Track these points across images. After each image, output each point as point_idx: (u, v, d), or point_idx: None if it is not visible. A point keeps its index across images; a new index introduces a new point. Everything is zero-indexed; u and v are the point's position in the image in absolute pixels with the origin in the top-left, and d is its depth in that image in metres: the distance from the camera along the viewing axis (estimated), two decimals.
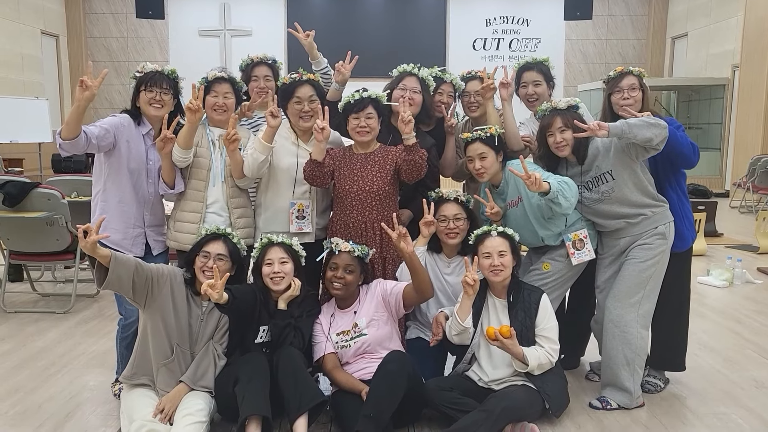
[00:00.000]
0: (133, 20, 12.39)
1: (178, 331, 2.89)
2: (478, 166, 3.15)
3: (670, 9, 14.78)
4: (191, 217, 3.22)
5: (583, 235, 3.15)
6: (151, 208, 3.27)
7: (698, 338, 4.22)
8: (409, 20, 14.71)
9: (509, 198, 3.21)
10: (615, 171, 3.06)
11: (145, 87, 3.17)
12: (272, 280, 2.93)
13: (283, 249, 2.98)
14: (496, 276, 2.95)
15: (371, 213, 3.18)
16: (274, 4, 14.70)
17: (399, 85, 3.39)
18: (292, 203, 3.24)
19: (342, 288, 3.00)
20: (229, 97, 3.23)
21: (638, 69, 3.25)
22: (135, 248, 3.21)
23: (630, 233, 3.13)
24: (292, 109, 3.24)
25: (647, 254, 3.10)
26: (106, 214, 3.11)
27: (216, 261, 2.90)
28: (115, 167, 3.17)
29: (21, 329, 4.43)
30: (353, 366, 3.01)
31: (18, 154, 11.81)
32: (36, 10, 13.54)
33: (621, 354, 3.10)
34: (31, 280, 5.36)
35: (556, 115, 3.09)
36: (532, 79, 3.49)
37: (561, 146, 3.07)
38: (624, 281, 3.12)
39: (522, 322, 2.94)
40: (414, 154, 3.06)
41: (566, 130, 3.05)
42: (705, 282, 5.64)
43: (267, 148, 3.11)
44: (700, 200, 8.07)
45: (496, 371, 2.97)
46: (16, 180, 4.76)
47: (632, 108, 3.14)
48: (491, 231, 3.01)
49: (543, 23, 14.94)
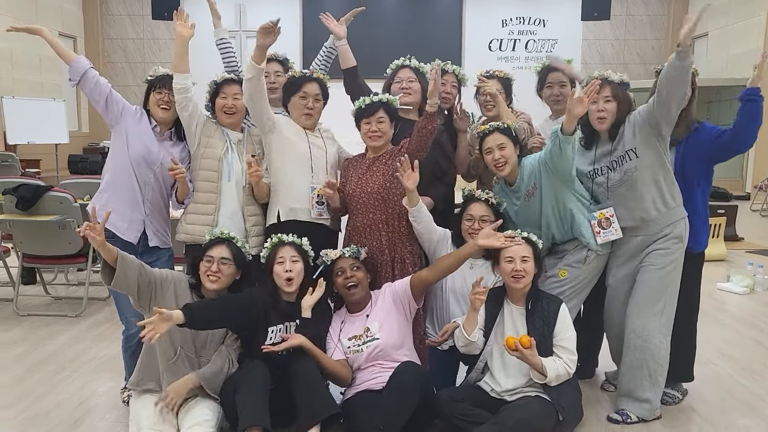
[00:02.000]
0: (149, 21, 12.44)
1: (183, 335, 2.86)
2: (497, 156, 3.10)
3: (690, 9, 14.58)
4: (205, 208, 3.20)
5: (609, 214, 3.07)
6: (152, 197, 3.25)
7: (717, 347, 4.13)
8: (424, 21, 14.65)
9: (524, 190, 3.14)
10: (639, 149, 2.99)
11: (155, 88, 3.22)
12: (285, 281, 2.91)
13: (294, 248, 2.97)
14: (517, 282, 2.89)
15: (375, 214, 3.14)
16: (289, 6, 14.70)
17: (394, 79, 3.41)
18: (312, 188, 3.20)
19: (357, 287, 2.98)
20: (238, 98, 3.22)
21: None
22: (129, 233, 3.19)
23: (645, 231, 3.06)
24: (295, 103, 3.23)
25: (666, 260, 3.03)
26: (107, 192, 3.22)
27: (219, 265, 2.89)
28: (118, 149, 3.22)
29: (33, 332, 4.44)
30: (365, 374, 2.97)
31: (35, 155, 11.90)
32: (54, 12, 13.66)
33: (644, 365, 3.02)
34: (44, 283, 5.39)
35: (606, 84, 3.02)
36: (558, 79, 3.48)
37: (601, 116, 3.01)
38: (644, 289, 3.05)
39: (540, 331, 2.87)
40: (429, 121, 3.02)
41: (611, 101, 3.00)
42: (725, 288, 5.54)
43: (255, 68, 3.03)
44: (720, 203, 7.91)
45: (509, 380, 2.91)
46: (29, 183, 4.77)
47: None
48: (515, 236, 2.95)
49: (560, 24, 14.81)
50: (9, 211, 4.75)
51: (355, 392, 2.92)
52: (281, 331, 2.93)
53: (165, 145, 3.27)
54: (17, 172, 9.67)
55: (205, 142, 3.23)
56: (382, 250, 3.15)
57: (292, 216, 3.18)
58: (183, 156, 3.30)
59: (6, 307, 4.97)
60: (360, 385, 2.94)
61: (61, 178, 9.86)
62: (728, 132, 3.05)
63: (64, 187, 5.11)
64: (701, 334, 3.42)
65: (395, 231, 3.14)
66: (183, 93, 3.16)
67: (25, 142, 11.04)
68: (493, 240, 2.93)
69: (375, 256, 3.14)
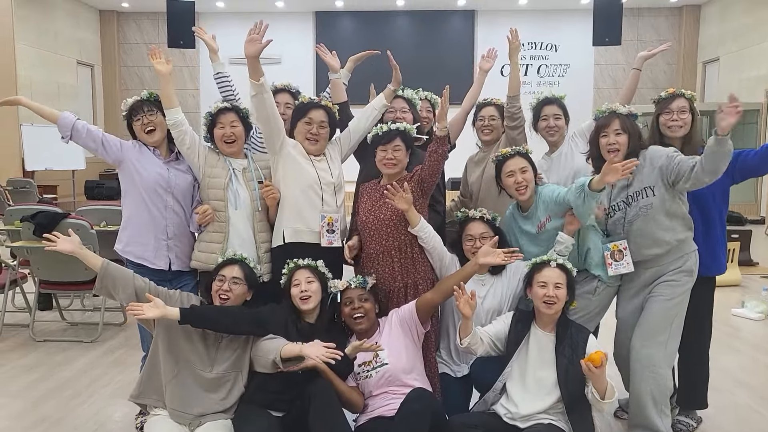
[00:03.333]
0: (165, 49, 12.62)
1: (190, 353, 2.87)
2: (520, 179, 3.14)
3: (701, 33, 14.64)
4: (215, 237, 3.23)
5: (622, 246, 3.07)
6: (175, 221, 3.29)
7: (733, 374, 4.09)
8: (436, 45, 14.79)
9: (538, 220, 3.17)
10: (657, 187, 3.00)
11: (133, 118, 3.29)
12: (301, 300, 2.95)
13: (310, 270, 3.03)
14: (549, 308, 2.86)
15: (388, 241, 3.16)
16: (302, 33, 14.92)
17: (388, 108, 3.48)
18: (322, 216, 3.23)
19: (363, 318, 3.00)
20: (236, 125, 3.26)
21: (690, 92, 3.24)
22: (158, 260, 3.26)
23: (657, 263, 3.05)
24: (300, 128, 3.29)
25: (674, 291, 3.02)
26: (129, 229, 3.30)
27: (231, 284, 2.94)
28: (129, 185, 3.29)
29: (49, 358, 4.48)
30: (377, 400, 2.96)
31: (53, 181, 12.08)
32: (73, 41, 13.94)
33: (649, 395, 3.00)
34: (60, 309, 5.43)
35: (615, 117, 3.05)
36: (552, 112, 3.55)
37: (613, 149, 3.02)
38: (651, 319, 3.04)
39: (569, 359, 2.83)
40: (440, 145, 3.07)
41: (622, 134, 3.02)
42: (740, 314, 5.49)
43: (253, 84, 3.07)
44: (735, 228, 7.84)
45: (527, 405, 2.84)
46: (47, 210, 4.84)
47: (680, 130, 3.15)
48: (550, 261, 2.94)
49: (571, 49, 14.90)
50: (27, 238, 4.82)
51: (368, 419, 2.92)
52: None
53: (173, 166, 3.32)
54: (35, 198, 9.81)
55: (209, 173, 3.27)
56: (395, 277, 3.17)
57: (297, 238, 3.22)
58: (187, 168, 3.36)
59: (23, 333, 5.03)
60: (372, 411, 2.94)
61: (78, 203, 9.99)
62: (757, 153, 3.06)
63: (81, 213, 5.18)
64: (716, 361, 3.40)
65: (408, 257, 3.16)
66: (177, 127, 3.21)
67: (43, 169, 11.20)
68: (493, 257, 2.95)
69: (387, 283, 3.16)
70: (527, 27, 14.91)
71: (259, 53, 3.07)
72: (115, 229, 5.06)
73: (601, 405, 2.72)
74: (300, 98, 3.44)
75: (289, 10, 14.93)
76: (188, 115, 3.30)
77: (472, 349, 2.93)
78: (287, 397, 2.87)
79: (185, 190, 3.32)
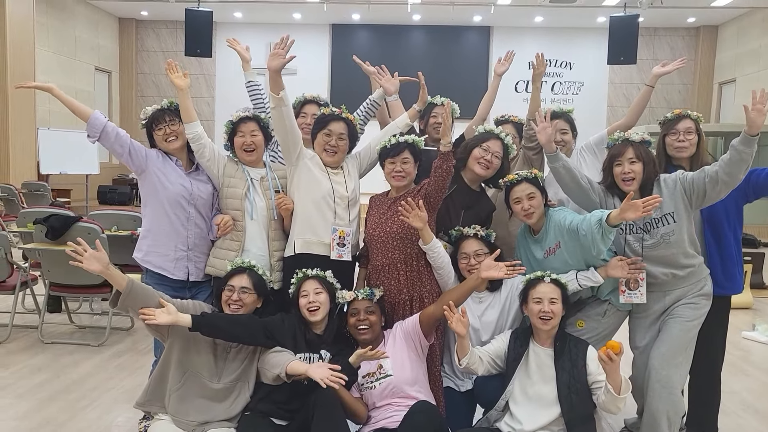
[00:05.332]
0: (182, 58, 12.77)
1: (199, 364, 2.88)
2: (527, 206, 3.11)
3: (717, 54, 14.61)
4: (230, 245, 3.24)
5: (640, 277, 3.01)
6: (195, 232, 3.29)
7: (742, 398, 4.04)
8: (452, 61, 14.85)
9: (548, 245, 3.14)
10: (677, 214, 2.97)
11: (154, 128, 3.28)
12: (309, 311, 2.96)
13: (318, 281, 3.03)
14: (545, 324, 2.87)
15: (394, 253, 3.16)
16: (318, 45, 15.03)
17: (482, 145, 3.33)
18: (333, 229, 3.23)
19: (368, 330, 2.99)
20: (257, 134, 3.28)
21: (696, 113, 3.22)
22: (178, 272, 3.26)
23: (676, 286, 3.03)
24: (319, 140, 3.29)
25: (694, 314, 3.00)
26: (149, 239, 3.27)
27: (240, 294, 2.94)
28: (151, 195, 3.27)
29: (56, 360, 4.50)
30: (381, 412, 2.95)
31: (66, 185, 12.19)
32: (92, 48, 14.13)
33: (665, 416, 2.96)
34: (68, 312, 5.47)
35: (628, 146, 3.02)
36: (559, 127, 3.53)
37: (628, 178, 2.99)
38: (671, 340, 2.99)
39: (569, 373, 2.83)
40: (445, 161, 3.04)
41: (637, 162, 2.98)
42: (750, 337, 5.43)
43: (273, 98, 3.09)
44: (748, 250, 7.76)
45: (530, 421, 2.83)
46: (59, 213, 4.88)
47: (686, 151, 3.14)
48: (544, 277, 2.94)
49: (586, 67, 14.92)
50: (39, 240, 4.86)
51: (371, 430, 2.91)
52: (306, 361, 2.93)
53: (194, 177, 3.33)
54: (48, 201, 9.90)
55: (227, 182, 3.28)
56: (401, 290, 3.16)
57: (307, 249, 3.22)
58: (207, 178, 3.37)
59: (31, 335, 5.06)
60: (376, 423, 2.93)
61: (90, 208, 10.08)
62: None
63: (93, 217, 5.22)
64: (725, 384, 3.36)
65: (414, 270, 3.16)
66: (197, 141, 3.22)
67: (58, 172, 11.31)
68: (495, 271, 2.94)
69: (393, 295, 3.16)
70: (542, 44, 14.94)
71: (281, 68, 3.11)
72: (127, 234, 5.15)
73: (616, 402, 2.68)
74: (322, 110, 3.45)
75: (306, 22, 15.05)
76: (203, 123, 3.32)
77: (471, 368, 2.92)
78: (291, 406, 2.88)
79: (207, 201, 3.32)
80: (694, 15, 14.01)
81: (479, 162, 3.28)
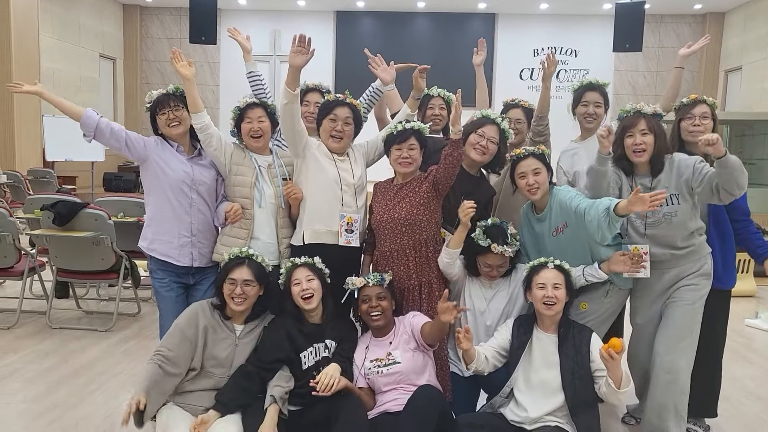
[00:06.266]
0: (186, 45, 12.75)
1: (208, 358, 2.90)
2: (531, 181, 3.10)
3: (723, 42, 14.51)
4: (238, 232, 3.25)
5: (644, 251, 3.01)
6: (199, 218, 3.30)
7: (744, 385, 4.06)
8: (456, 47, 14.77)
9: (554, 226, 3.13)
10: (682, 196, 2.97)
11: (158, 111, 3.26)
12: (303, 299, 2.96)
13: (308, 268, 3.03)
14: (549, 309, 2.87)
15: (402, 240, 3.17)
16: (323, 32, 14.97)
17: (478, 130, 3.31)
18: (341, 215, 3.24)
19: (380, 316, 3.00)
20: (263, 120, 3.28)
21: (711, 99, 3.23)
22: (182, 258, 3.27)
23: (675, 265, 3.03)
24: (325, 126, 3.28)
25: (695, 295, 3.01)
26: (153, 226, 3.28)
27: (243, 287, 2.94)
28: (153, 183, 3.28)
29: (64, 345, 4.55)
30: (386, 396, 2.98)
31: (72, 172, 12.23)
32: (96, 35, 14.11)
33: (671, 402, 2.97)
34: (76, 297, 5.52)
35: (641, 117, 3.01)
36: (594, 99, 3.50)
37: (639, 149, 2.99)
38: (675, 325, 3.01)
39: (573, 359, 2.84)
40: (455, 149, 3.04)
41: (648, 134, 2.98)
42: (753, 325, 5.45)
43: (289, 94, 3.09)
44: None
45: (535, 408, 2.85)
46: (66, 200, 4.91)
47: (701, 136, 3.04)
48: (547, 263, 2.95)
49: (592, 54, 14.83)
50: (46, 227, 4.90)
51: (376, 413, 2.93)
52: (312, 354, 2.96)
53: (197, 162, 3.33)
54: (54, 188, 9.94)
55: (235, 170, 3.28)
56: (410, 275, 3.18)
57: (316, 239, 3.23)
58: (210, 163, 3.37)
59: (39, 320, 5.11)
60: (380, 406, 2.96)
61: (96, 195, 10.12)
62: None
63: (99, 204, 5.25)
64: (727, 371, 3.39)
65: (422, 256, 3.17)
66: (204, 131, 3.22)
67: (63, 159, 11.34)
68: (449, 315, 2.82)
69: (402, 281, 3.17)
70: (547, 32, 14.89)
71: (303, 64, 3.11)
72: (133, 221, 5.18)
73: (617, 395, 2.70)
74: (326, 97, 3.45)
75: (310, 9, 14.99)
76: (208, 110, 3.32)
77: (479, 371, 2.94)
78: (303, 392, 2.89)
79: (210, 187, 3.33)
80: (700, 2, 13.91)
81: (475, 148, 3.28)
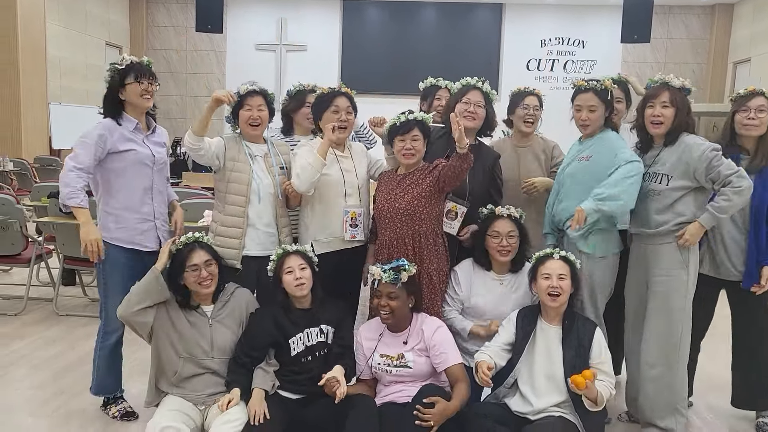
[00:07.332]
0: (192, 33, 12.74)
1: (186, 344, 2.94)
2: (584, 116, 3.11)
3: (732, 34, 14.40)
4: (233, 232, 3.22)
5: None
6: (159, 198, 3.28)
7: None
8: (463, 38, 14.71)
9: (586, 153, 3.16)
10: (673, 179, 2.95)
11: (136, 79, 3.13)
12: (296, 287, 2.96)
13: (300, 256, 3.02)
14: (554, 300, 2.87)
15: (402, 229, 3.16)
16: (329, 22, 14.90)
17: (463, 99, 3.35)
18: (345, 211, 3.25)
19: (389, 316, 2.96)
20: (263, 109, 3.28)
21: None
22: (149, 242, 3.22)
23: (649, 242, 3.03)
24: (329, 118, 3.25)
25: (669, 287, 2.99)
26: (112, 215, 3.16)
27: (206, 268, 2.95)
28: (113, 170, 3.14)
29: (70, 332, 4.59)
30: (390, 388, 3.00)
31: None
32: (102, 23, 14.08)
33: (662, 398, 2.98)
34: (83, 285, 5.55)
35: (665, 89, 3.00)
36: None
37: (657, 121, 2.97)
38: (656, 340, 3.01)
39: (576, 351, 2.85)
40: (463, 161, 3.01)
41: (669, 107, 2.95)
42: None
43: (321, 164, 3.12)
44: None
45: (538, 400, 2.87)
46: None
47: (756, 130, 3.08)
48: (553, 254, 2.95)
49: (599, 45, 14.74)
50: (53, 214, 4.92)
51: (380, 403, 2.94)
52: (302, 340, 2.97)
53: (152, 140, 3.26)
54: None
55: (231, 166, 3.23)
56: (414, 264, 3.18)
57: (328, 248, 3.24)
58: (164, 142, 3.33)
59: (46, 307, 5.15)
60: (385, 396, 2.97)
61: None
62: None
63: None
64: None
65: (422, 247, 3.17)
66: (196, 152, 3.17)
67: (69, 147, 11.34)
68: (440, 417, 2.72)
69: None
70: (555, 22, 14.79)
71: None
72: None
73: (595, 409, 2.74)
74: (318, 89, 3.42)
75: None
76: None
77: None
78: (300, 378, 2.93)
79: (166, 166, 3.31)
80: None
81: (465, 116, 3.27)
